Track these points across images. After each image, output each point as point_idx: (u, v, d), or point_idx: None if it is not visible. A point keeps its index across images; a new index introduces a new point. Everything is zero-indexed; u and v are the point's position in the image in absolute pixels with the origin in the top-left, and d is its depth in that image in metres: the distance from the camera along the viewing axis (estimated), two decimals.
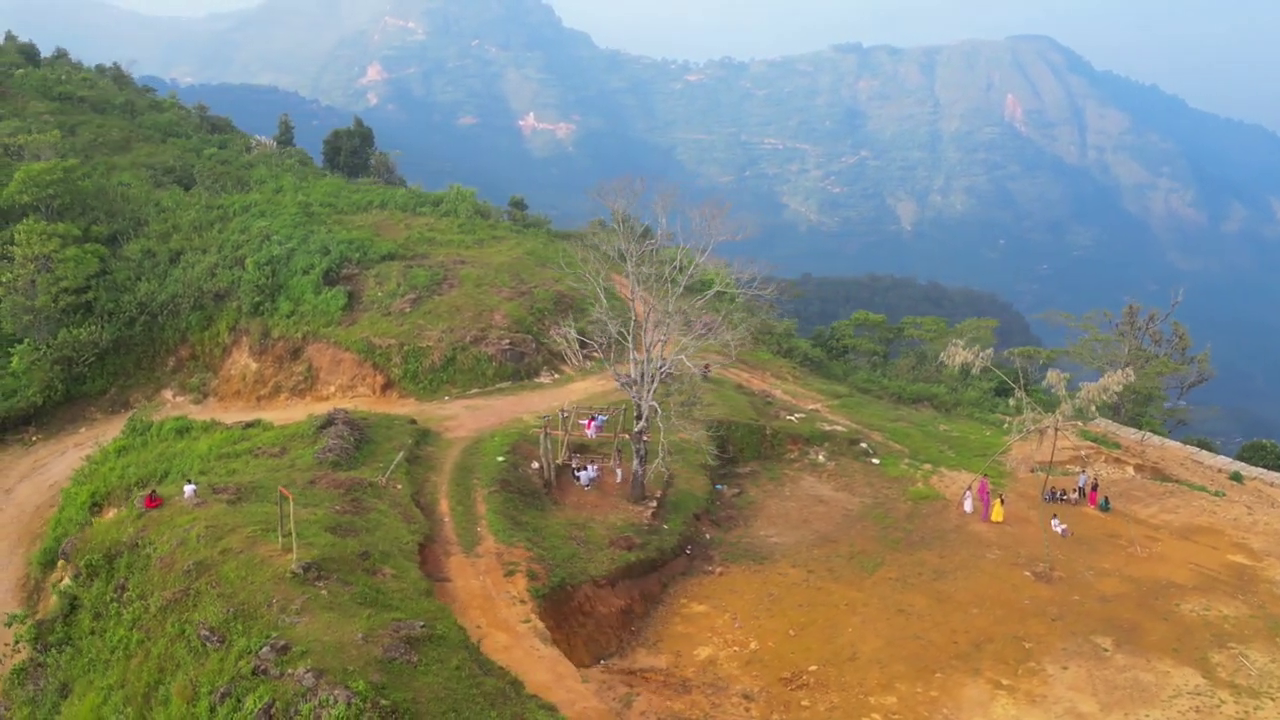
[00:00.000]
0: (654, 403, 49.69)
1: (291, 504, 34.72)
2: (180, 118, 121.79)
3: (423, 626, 31.28)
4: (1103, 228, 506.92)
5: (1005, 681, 41.27)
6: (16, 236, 76.35)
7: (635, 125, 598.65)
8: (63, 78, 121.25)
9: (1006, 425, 57.02)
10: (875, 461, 62.80)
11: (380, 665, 28.99)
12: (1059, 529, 53.37)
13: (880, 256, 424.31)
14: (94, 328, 73.27)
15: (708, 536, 53.44)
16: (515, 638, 35.84)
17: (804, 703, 40.34)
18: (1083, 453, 66.75)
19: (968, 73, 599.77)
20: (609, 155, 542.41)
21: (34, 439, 69.71)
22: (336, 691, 27.41)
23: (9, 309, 74.80)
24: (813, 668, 42.47)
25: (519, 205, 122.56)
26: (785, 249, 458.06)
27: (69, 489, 57.98)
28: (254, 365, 71.16)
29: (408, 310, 70.44)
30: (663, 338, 50.50)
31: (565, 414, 58.48)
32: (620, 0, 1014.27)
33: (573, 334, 57.23)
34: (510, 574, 40.69)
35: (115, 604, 34.98)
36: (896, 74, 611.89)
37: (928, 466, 62.32)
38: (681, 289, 51.11)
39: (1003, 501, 55.36)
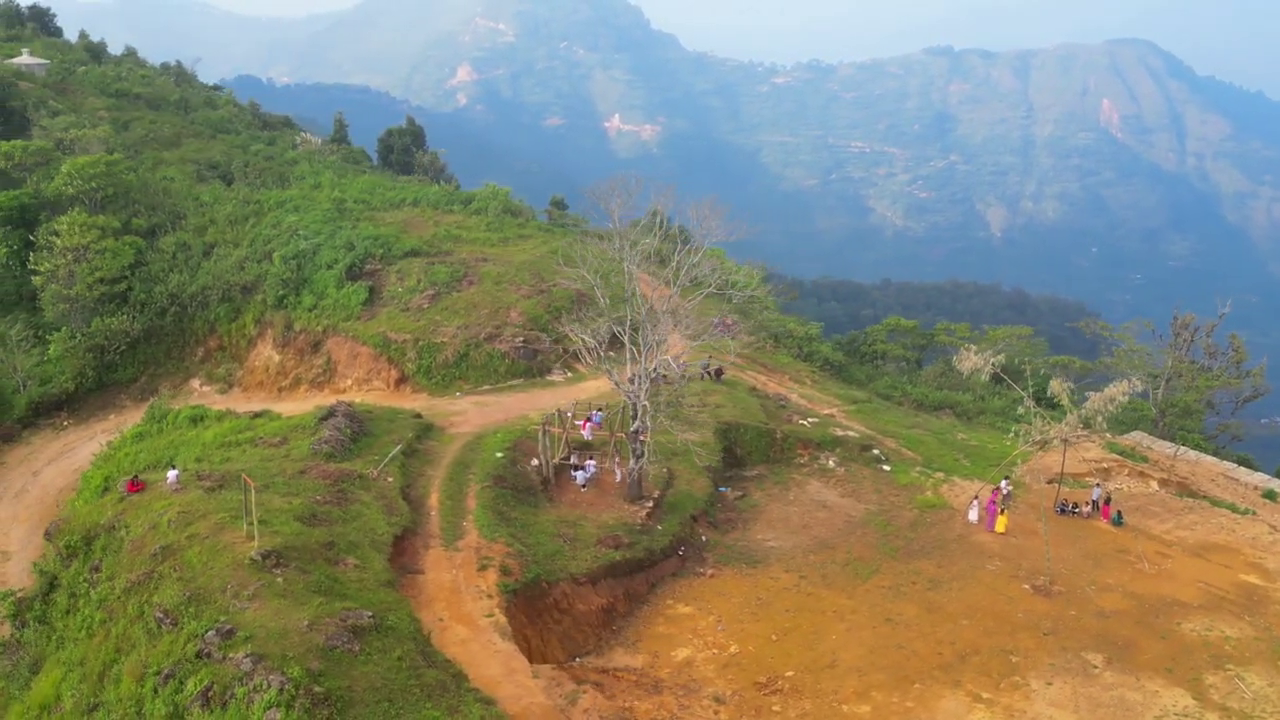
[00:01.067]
0: (646, 402, 49.56)
1: (253, 492, 35.27)
2: (232, 115, 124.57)
3: (371, 616, 31.57)
4: (1200, 237, 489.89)
5: (985, 695, 40.41)
6: (58, 227, 78.83)
7: (721, 127, 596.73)
8: (122, 75, 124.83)
9: (1012, 435, 55.79)
10: (886, 468, 61.86)
11: (320, 653, 29.32)
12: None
13: (967, 263, 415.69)
14: (126, 317, 75.32)
15: (704, 538, 53.07)
16: (475, 631, 35.98)
17: (775, 708, 39.91)
18: (1105, 465, 65.08)
19: (1063, 77, 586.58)
20: (694, 157, 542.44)
21: (65, 424, 71.85)
22: (271, 677, 27.80)
23: (50, 297, 77.22)
24: (789, 673, 42.00)
25: (559, 205, 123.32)
26: (869, 254, 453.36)
27: (88, 473, 59.64)
28: (276, 357, 72.56)
29: (426, 306, 71.21)
30: (659, 338, 50.31)
31: (569, 413, 58.63)
32: (709, 3, 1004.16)
33: (588, 333, 57.16)
34: (483, 568, 40.86)
35: (87, 584, 35.92)
36: (989, 77, 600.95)
37: (940, 475, 61.22)
38: (677, 287, 50.85)
39: (1003, 511, 54.19)
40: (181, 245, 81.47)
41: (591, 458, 55.72)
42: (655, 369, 49.13)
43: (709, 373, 68.65)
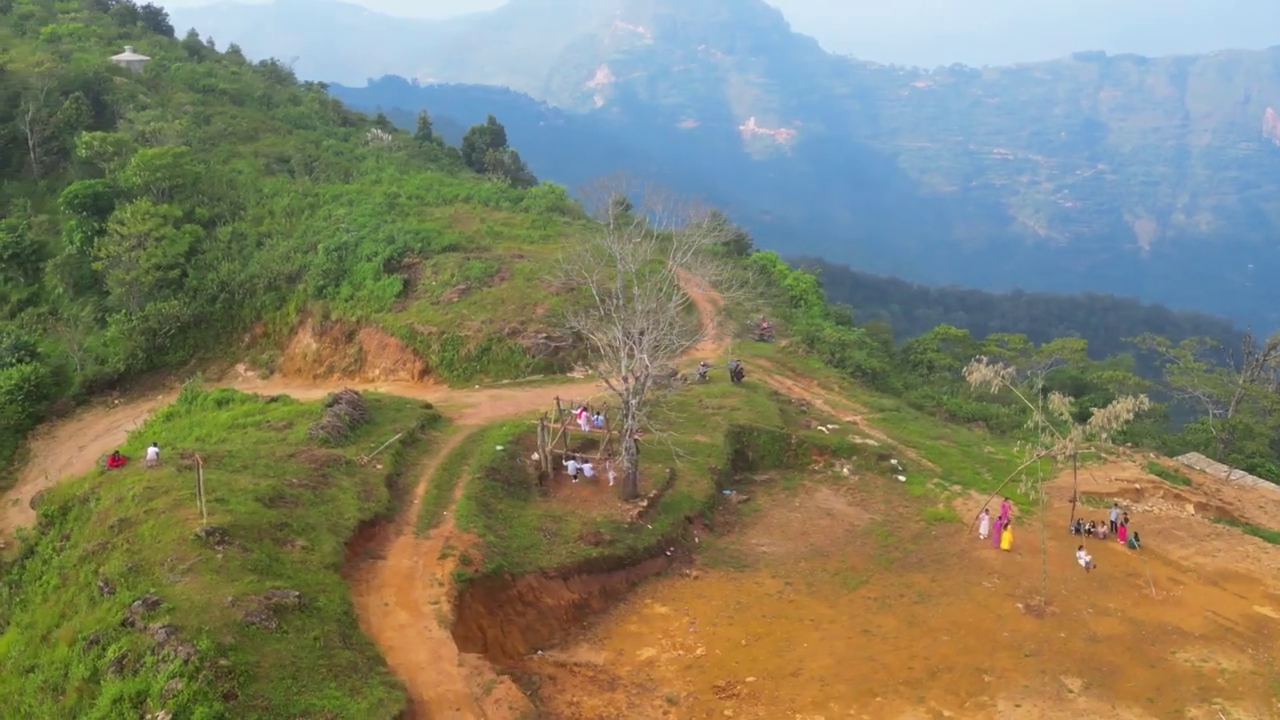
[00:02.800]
0: (634, 401, 49.57)
1: (202, 470, 36.46)
2: (314, 111, 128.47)
3: (298, 596, 32.31)
4: None
5: (947, 713, 39.23)
6: (124, 215, 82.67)
7: (858, 131, 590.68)
8: (211, 72, 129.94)
9: (1017, 449, 53.99)
10: (901, 479, 60.55)
11: (236, 628, 30.14)
12: (1084, 561, 50.27)
13: (1112, 276, 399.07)
14: (178, 302, 78.57)
15: (696, 540, 52.76)
16: (416, 617, 36.46)
17: (727, 712, 39.47)
18: (1138, 486, 62.51)
19: (1223, 84, 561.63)
20: (829, 161, 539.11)
21: (116, 402, 75.28)
22: (181, 648, 28.70)
23: (112, 282, 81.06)
24: (750, 679, 41.48)
25: (623, 204, 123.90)
26: (1008, 264, 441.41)
27: (121, 449, 62.17)
28: (314, 345, 74.74)
29: (455, 300, 72.40)
30: (654, 339, 50.30)
31: (578, 409, 58.92)
32: (851, 5, 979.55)
33: (617, 331, 57.26)
34: (444, 557, 41.30)
35: (54, 551, 37.62)
36: (1143, 84, 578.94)
37: (956, 488, 59.61)
38: (666, 287, 50.70)
39: (1008, 526, 52.52)
40: (237, 235, 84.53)
41: (586, 456, 55.81)
42: (638, 370, 49.02)
43: (732, 373, 68.20)
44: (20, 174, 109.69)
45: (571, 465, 53.59)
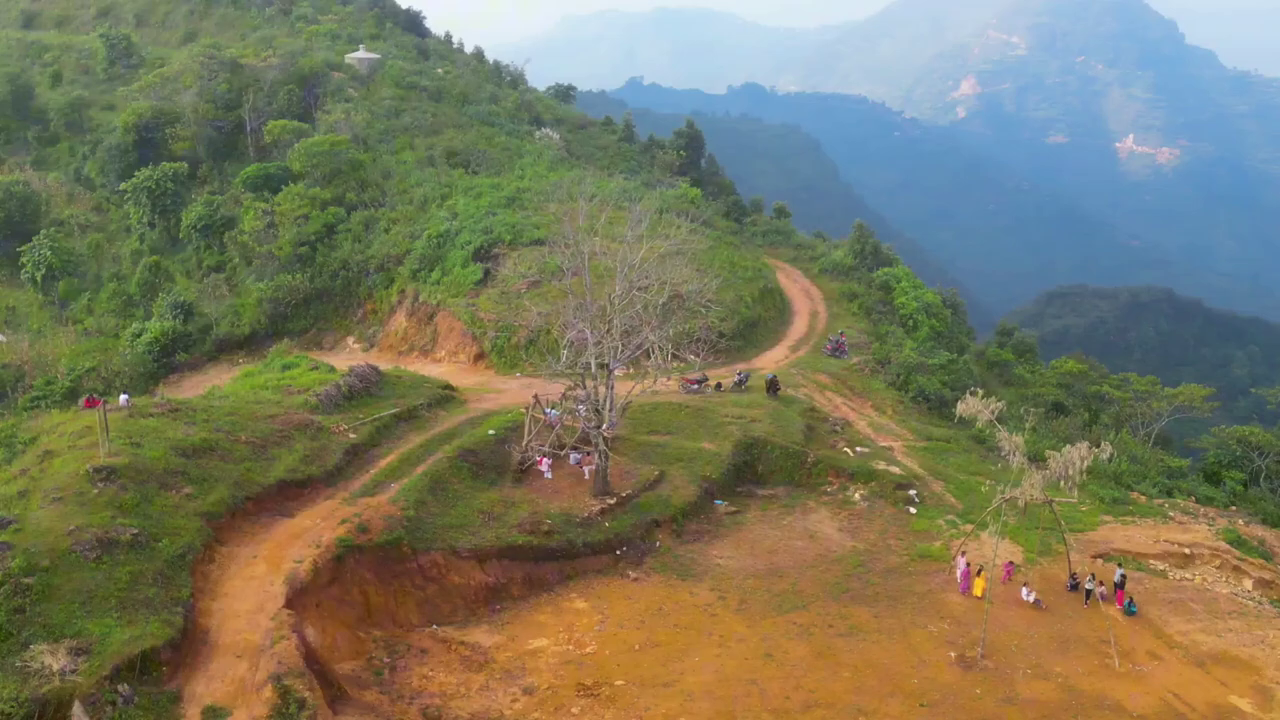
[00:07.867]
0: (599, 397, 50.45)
1: (104, 414, 40.76)
2: (508, 111, 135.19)
3: (135, 534, 35.72)
4: None
5: None
6: (279, 196, 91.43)
7: (1256, 155, 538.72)
8: (418, 70, 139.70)
9: (986, 488, 50.00)
10: (912, 511, 57.58)
11: (59, 554, 33.89)
12: (1029, 598, 46.69)
13: None
14: (302, 276, 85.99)
15: (658, 544, 52.68)
16: (271, 572, 39.06)
17: (574, 710, 39.76)
18: (1190, 551, 56.16)
19: None
20: (1217, 185, 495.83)
21: (240, 361, 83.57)
22: None
23: (258, 253, 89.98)
24: (619, 682, 41.45)
25: (781, 213, 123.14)
26: None
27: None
28: (405, 324, 79.82)
29: (523, 290, 75.00)
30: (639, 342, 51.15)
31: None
32: (1262, 14, 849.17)
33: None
34: (344, 523, 43.81)
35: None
36: None
37: (968, 527, 55.89)
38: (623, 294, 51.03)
39: (980, 573, 48.98)
40: (370, 220, 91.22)
41: (573, 449, 56.85)
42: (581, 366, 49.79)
43: (768, 385, 66.99)
44: (242, 157, 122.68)
45: (546, 466, 54.90)
